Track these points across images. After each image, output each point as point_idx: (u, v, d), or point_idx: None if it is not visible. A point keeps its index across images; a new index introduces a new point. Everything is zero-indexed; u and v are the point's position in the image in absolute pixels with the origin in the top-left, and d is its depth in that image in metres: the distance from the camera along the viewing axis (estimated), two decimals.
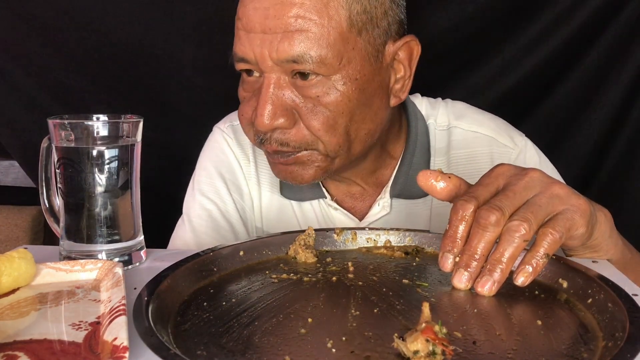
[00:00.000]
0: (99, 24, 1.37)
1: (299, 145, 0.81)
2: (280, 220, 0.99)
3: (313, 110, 0.79)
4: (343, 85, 0.79)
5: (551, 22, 1.33)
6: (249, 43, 0.78)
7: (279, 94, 0.78)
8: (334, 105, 0.79)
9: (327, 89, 0.78)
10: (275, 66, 0.77)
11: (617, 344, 0.46)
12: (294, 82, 0.79)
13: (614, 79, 1.35)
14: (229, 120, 1.03)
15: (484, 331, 0.51)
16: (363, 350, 0.48)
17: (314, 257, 0.70)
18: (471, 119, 0.97)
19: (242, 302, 0.58)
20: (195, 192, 1.00)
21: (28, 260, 0.62)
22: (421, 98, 1.00)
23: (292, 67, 0.77)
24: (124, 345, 0.44)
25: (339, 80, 0.78)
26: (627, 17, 1.31)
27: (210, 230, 0.97)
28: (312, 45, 0.76)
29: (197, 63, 1.41)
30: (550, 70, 1.37)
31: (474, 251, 0.59)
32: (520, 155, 0.96)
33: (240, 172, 1.00)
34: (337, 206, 0.95)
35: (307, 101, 0.79)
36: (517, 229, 0.57)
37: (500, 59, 1.37)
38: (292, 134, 0.80)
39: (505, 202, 0.59)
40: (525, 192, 0.61)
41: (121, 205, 0.70)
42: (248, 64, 0.80)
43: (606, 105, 1.37)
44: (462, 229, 0.60)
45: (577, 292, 0.58)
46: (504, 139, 0.96)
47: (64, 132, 0.68)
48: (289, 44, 0.76)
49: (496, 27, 1.35)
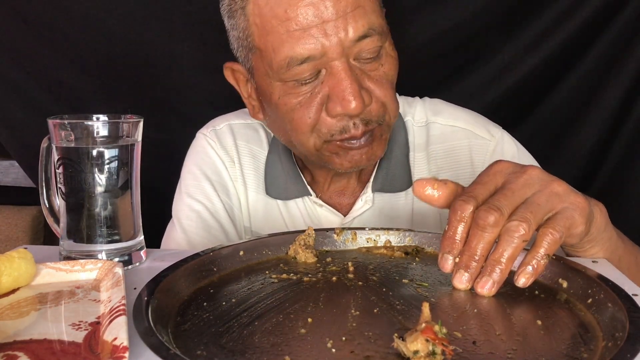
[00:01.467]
0: (99, 23, 1.37)
1: (377, 119, 0.84)
2: (267, 219, 1.00)
3: (380, 80, 0.84)
4: (392, 50, 0.86)
5: (551, 22, 1.33)
6: (313, 38, 0.78)
7: (354, 75, 0.80)
8: (393, 69, 0.86)
9: (385, 57, 0.84)
10: (344, 50, 0.79)
11: (617, 344, 0.46)
12: (358, 61, 0.82)
13: (614, 79, 1.35)
14: (212, 126, 1.05)
15: (484, 331, 0.51)
16: (363, 350, 0.48)
17: (314, 257, 0.70)
18: (448, 113, 1.00)
19: (242, 302, 0.58)
20: (182, 195, 1.01)
21: (28, 260, 0.62)
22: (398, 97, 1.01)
23: (360, 47, 0.80)
24: (124, 345, 0.44)
25: (389, 45, 0.85)
26: (627, 17, 1.30)
27: (200, 231, 0.97)
28: (372, 17, 0.80)
29: (197, 63, 1.41)
30: (550, 70, 1.37)
31: (474, 252, 0.58)
32: (497, 146, 0.97)
33: (226, 173, 1.02)
34: (322, 203, 0.97)
35: (373, 74, 0.83)
36: (517, 229, 0.57)
37: (500, 59, 1.37)
38: (371, 110, 0.83)
39: (503, 201, 0.59)
40: (523, 190, 0.60)
41: (121, 205, 0.70)
42: (313, 61, 0.79)
43: (606, 105, 1.37)
44: (461, 229, 0.60)
45: (577, 292, 0.58)
46: (480, 131, 0.98)
47: (64, 132, 0.68)
48: (356, 21, 0.79)
49: (496, 28, 1.35)
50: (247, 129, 1.03)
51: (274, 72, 0.82)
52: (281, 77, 0.82)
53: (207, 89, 1.42)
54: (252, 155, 1.02)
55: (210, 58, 1.37)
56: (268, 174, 1.00)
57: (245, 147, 1.02)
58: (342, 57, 0.79)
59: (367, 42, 0.80)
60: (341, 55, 0.79)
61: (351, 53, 0.80)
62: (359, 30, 0.79)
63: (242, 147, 1.02)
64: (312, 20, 0.77)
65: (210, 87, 1.40)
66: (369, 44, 0.80)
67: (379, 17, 0.82)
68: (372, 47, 0.81)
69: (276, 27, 0.79)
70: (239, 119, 1.05)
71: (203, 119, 1.09)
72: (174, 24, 1.36)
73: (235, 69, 0.92)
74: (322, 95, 0.81)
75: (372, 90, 0.83)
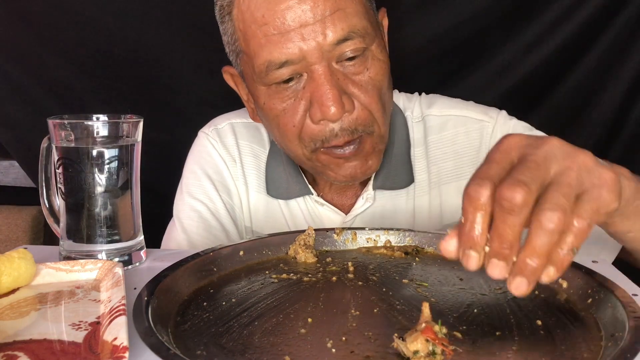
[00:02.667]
0: (99, 24, 1.36)
1: (363, 128, 0.82)
2: (268, 219, 1.00)
3: (365, 86, 0.81)
4: (380, 53, 0.83)
5: (551, 22, 1.32)
6: (291, 42, 0.77)
7: (334, 79, 0.79)
8: (381, 74, 0.82)
9: (371, 61, 0.81)
10: (324, 54, 0.78)
11: (617, 344, 0.46)
12: (341, 65, 0.80)
13: (613, 79, 1.35)
14: (213, 125, 1.05)
15: (484, 331, 0.51)
16: (363, 350, 0.48)
17: (314, 257, 0.70)
18: (441, 104, 1.00)
19: (242, 302, 0.58)
20: (184, 194, 1.01)
21: (28, 260, 0.62)
22: (399, 93, 1.02)
23: (341, 50, 0.79)
24: (124, 345, 0.44)
25: (376, 48, 0.82)
26: (627, 17, 1.30)
27: (201, 230, 0.97)
28: (353, 19, 0.78)
29: (198, 63, 1.40)
30: (550, 70, 1.37)
31: (504, 240, 0.47)
32: (497, 126, 0.96)
33: (228, 172, 1.01)
34: (324, 202, 0.96)
35: (357, 79, 0.81)
36: (551, 220, 0.46)
37: (501, 59, 1.37)
38: (356, 117, 0.81)
39: (528, 174, 0.48)
40: (548, 163, 0.50)
41: (121, 205, 0.70)
42: (292, 65, 0.79)
43: (606, 105, 1.37)
44: (481, 219, 0.48)
45: (577, 292, 0.58)
46: (477, 115, 0.98)
47: (64, 132, 0.68)
48: (335, 25, 0.77)
49: (496, 28, 1.35)
50: (249, 128, 1.03)
51: (257, 76, 0.82)
52: (264, 81, 0.82)
53: (208, 89, 1.42)
54: (254, 155, 1.02)
55: (210, 58, 1.37)
56: (269, 174, 0.99)
57: (246, 147, 1.02)
58: (322, 60, 0.78)
59: (349, 44, 0.78)
60: (321, 59, 0.78)
61: (332, 57, 0.79)
62: (338, 34, 0.77)
63: (244, 146, 1.02)
64: (290, 24, 0.77)
65: (211, 87, 1.40)
66: (350, 46, 0.79)
67: (362, 19, 0.80)
68: (353, 50, 0.79)
69: (256, 32, 0.79)
70: (240, 118, 1.04)
71: (203, 119, 1.09)
72: (174, 24, 1.36)
73: (232, 72, 0.93)
74: (306, 100, 0.81)
75: (356, 95, 0.81)
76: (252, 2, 0.79)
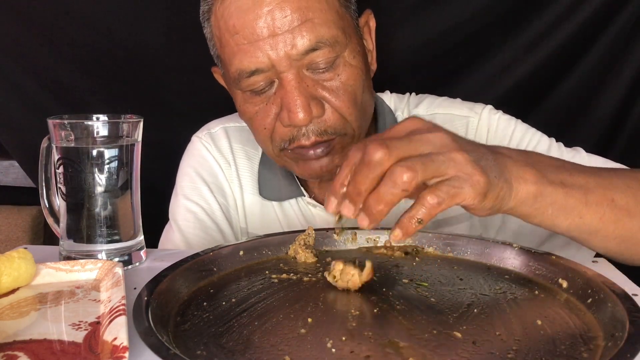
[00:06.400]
0: (99, 23, 1.36)
1: (334, 130, 0.83)
2: (262, 220, 1.01)
3: (336, 91, 0.82)
4: (354, 59, 0.83)
5: (551, 22, 1.32)
6: (260, 51, 0.79)
7: (303, 86, 0.80)
8: (353, 79, 0.83)
9: (342, 67, 0.82)
10: (293, 62, 0.79)
11: (617, 344, 0.46)
12: (312, 71, 0.81)
13: (614, 79, 1.35)
14: (207, 129, 1.06)
15: (484, 331, 0.51)
16: (363, 350, 0.48)
17: (314, 257, 0.70)
18: (428, 103, 1.01)
19: (242, 302, 0.58)
20: (179, 197, 1.02)
21: (28, 260, 0.62)
22: (390, 94, 1.03)
23: (310, 58, 0.79)
24: (124, 345, 0.44)
25: (348, 55, 0.82)
26: (627, 17, 1.30)
27: (198, 231, 0.98)
28: (322, 29, 0.79)
29: (197, 63, 1.40)
30: (550, 70, 1.37)
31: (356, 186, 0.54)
32: (481, 120, 0.97)
33: (222, 174, 1.02)
34: (316, 203, 0.97)
35: (328, 84, 0.82)
36: (400, 175, 0.52)
37: (501, 59, 1.37)
38: (326, 120, 0.82)
39: (397, 143, 0.54)
40: (421, 144, 0.55)
41: (121, 205, 0.70)
42: (262, 74, 0.80)
43: (606, 105, 1.37)
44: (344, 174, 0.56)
45: (577, 292, 0.58)
46: (461, 111, 0.98)
47: (64, 132, 0.68)
48: (302, 36, 0.78)
49: (496, 27, 1.35)
50: (242, 132, 1.04)
51: (233, 82, 0.85)
52: (238, 86, 0.84)
53: (207, 90, 1.41)
54: (247, 157, 1.03)
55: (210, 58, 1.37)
56: (262, 176, 1.00)
57: (240, 149, 1.03)
58: (291, 69, 0.79)
59: (318, 54, 0.79)
60: (289, 68, 0.79)
61: (302, 65, 0.80)
62: (305, 45, 0.78)
63: (237, 149, 1.03)
64: (259, 34, 0.78)
65: (211, 87, 1.40)
66: (320, 56, 0.79)
67: (332, 29, 0.80)
68: (322, 58, 0.80)
69: (228, 40, 0.81)
70: (233, 122, 1.06)
71: (203, 119, 1.09)
72: (174, 25, 1.36)
73: (219, 72, 0.95)
74: (277, 105, 0.83)
75: (327, 99, 0.82)
76: (226, 11, 0.81)
